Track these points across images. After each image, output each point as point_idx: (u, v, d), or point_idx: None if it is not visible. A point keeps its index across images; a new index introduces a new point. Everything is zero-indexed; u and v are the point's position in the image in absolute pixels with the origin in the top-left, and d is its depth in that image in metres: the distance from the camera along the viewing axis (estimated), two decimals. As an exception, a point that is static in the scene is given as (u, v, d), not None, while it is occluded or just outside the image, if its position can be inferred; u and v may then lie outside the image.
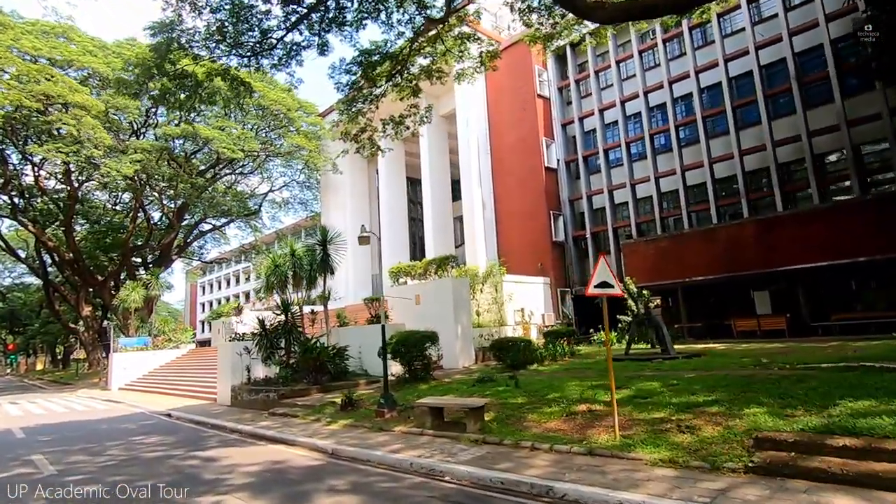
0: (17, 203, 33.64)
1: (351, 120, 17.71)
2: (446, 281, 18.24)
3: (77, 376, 37.34)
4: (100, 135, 24.04)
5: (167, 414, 14.95)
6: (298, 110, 35.58)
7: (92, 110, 23.91)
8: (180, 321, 62.46)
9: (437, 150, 31.64)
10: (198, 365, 24.70)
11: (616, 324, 20.81)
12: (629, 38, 23.78)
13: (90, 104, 24.20)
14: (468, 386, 11.68)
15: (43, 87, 22.70)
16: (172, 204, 37.22)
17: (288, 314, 15.20)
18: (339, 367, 14.98)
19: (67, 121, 23.33)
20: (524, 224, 25.42)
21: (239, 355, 15.62)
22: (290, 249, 17.63)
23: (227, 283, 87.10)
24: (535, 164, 25.29)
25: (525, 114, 25.84)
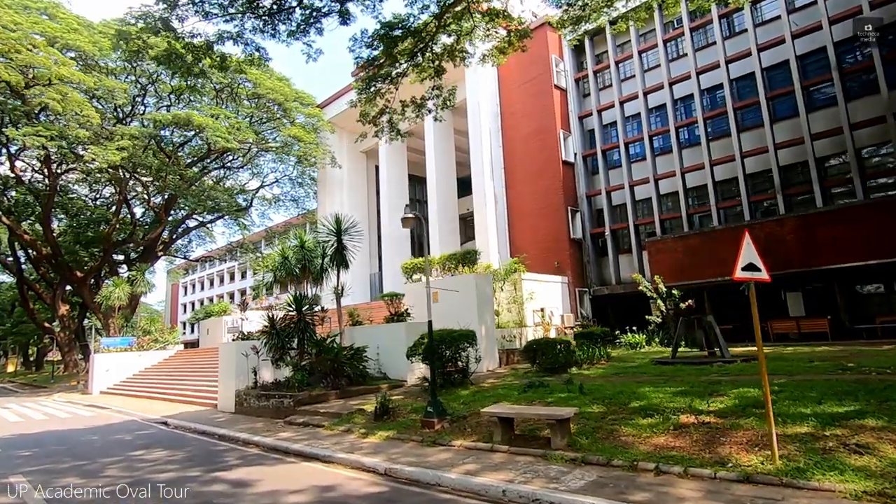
0: (-11, 192, 31.30)
1: (369, 100, 16.26)
2: (469, 277, 16.86)
3: (52, 379, 34.97)
4: (87, 112, 22.06)
5: (163, 422, 13.27)
6: (295, 101, 33.90)
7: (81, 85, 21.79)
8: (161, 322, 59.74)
9: (443, 144, 30.30)
10: (189, 367, 22.87)
11: (644, 325, 19.71)
12: (653, 27, 22.75)
13: (77, 78, 22.15)
14: (518, 391, 10.30)
15: (24, 56, 20.59)
16: (159, 197, 35.21)
17: (301, 311, 13.64)
18: (358, 371, 13.48)
19: (51, 96, 21.24)
20: (539, 220, 24.17)
21: (245, 356, 14.00)
22: (300, 241, 16.07)
23: (210, 284, 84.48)
24: (551, 158, 24.07)
25: (541, 105, 24.63)
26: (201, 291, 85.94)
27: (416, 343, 12.08)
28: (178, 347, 28.59)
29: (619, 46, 24.41)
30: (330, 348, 13.35)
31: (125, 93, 27.05)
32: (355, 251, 15.83)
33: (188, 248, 46.90)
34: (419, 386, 13.52)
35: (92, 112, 22.54)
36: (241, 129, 30.25)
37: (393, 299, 15.09)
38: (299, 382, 12.21)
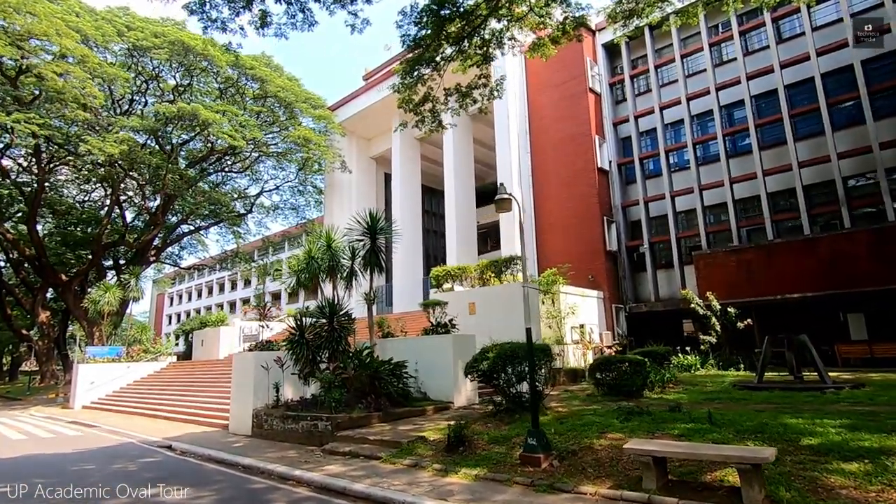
0: (-29, 187, 28.94)
1: (410, 86, 14.63)
2: (515, 286, 15.10)
3: (28, 391, 32.18)
4: (91, 91, 20.07)
5: (167, 446, 11.16)
6: (305, 101, 32.24)
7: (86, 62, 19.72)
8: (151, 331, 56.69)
9: (463, 151, 28.82)
10: (187, 381, 20.62)
11: (684, 344, 18.09)
12: (697, 30, 21.60)
13: (80, 53, 20.10)
14: (616, 419, 8.48)
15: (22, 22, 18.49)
16: (155, 200, 33.07)
17: (334, 318, 11.72)
18: (399, 389, 11.55)
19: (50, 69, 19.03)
20: (571, 231, 22.55)
21: (265, 369, 11.99)
22: (328, 239, 14.20)
23: (198, 295, 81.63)
24: (586, 165, 22.59)
25: (575, 109, 23.24)
26: (188, 302, 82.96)
27: (477, 358, 10.21)
28: (171, 359, 26.24)
29: (657, 51, 23.22)
30: (368, 363, 11.42)
31: (126, 83, 25.14)
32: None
33: (179, 255, 44.51)
34: (472, 409, 11.64)
35: (95, 91, 20.53)
36: (247, 126, 28.44)
37: (433, 307, 13.23)
38: (336, 402, 10.24)
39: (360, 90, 34.62)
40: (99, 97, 20.94)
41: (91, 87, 20.31)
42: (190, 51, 26.63)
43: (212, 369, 21.82)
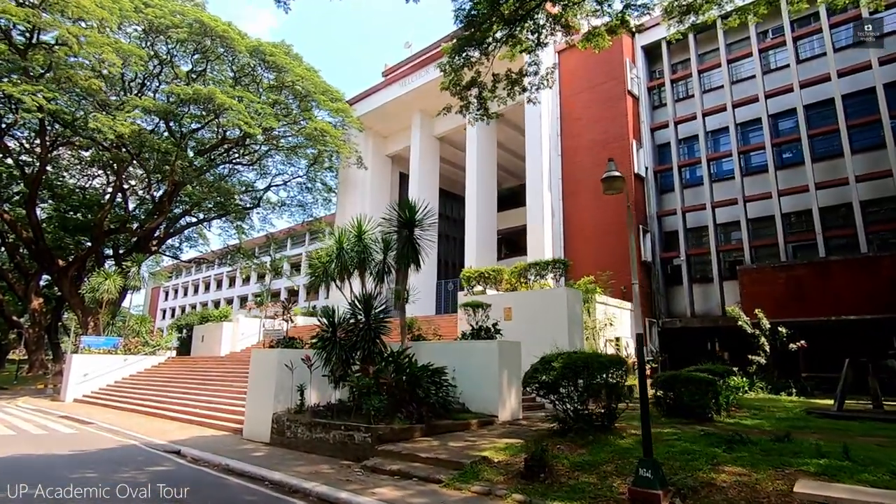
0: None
1: (457, 69, 13.50)
2: (560, 291, 13.86)
3: (16, 380, 30.60)
4: (108, 56, 18.76)
5: (175, 451, 9.81)
6: (323, 93, 31.11)
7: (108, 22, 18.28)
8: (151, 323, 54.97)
9: (486, 153, 27.69)
10: (189, 378, 19.21)
11: (745, 364, 16.83)
12: (745, 34, 20.62)
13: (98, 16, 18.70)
14: (706, 444, 7.24)
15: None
16: (161, 186, 31.75)
17: (371, 315, 10.43)
18: (440, 399, 10.25)
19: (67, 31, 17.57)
20: (602, 238, 21.37)
21: (289, 369, 10.67)
22: (358, 230, 12.93)
23: (194, 290, 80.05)
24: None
25: (612, 112, 22.18)
26: (184, 298, 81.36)
27: (538, 368, 8.92)
28: (170, 354, 24.81)
29: (701, 55, 22.23)
30: (407, 367, 10.12)
31: (141, 60, 23.90)
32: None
33: (179, 248, 43.10)
34: (520, 426, 10.35)
35: (113, 56, 19.19)
36: (263, 115, 27.24)
37: (475, 309, 11.96)
38: (375, 410, 8.92)
39: (378, 86, 33.60)
40: (117, 63, 19.57)
41: (109, 53, 19.03)
42: (209, 32, 25.49)
43: (216, 366, 20.43)
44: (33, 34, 22.90)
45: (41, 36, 23.37)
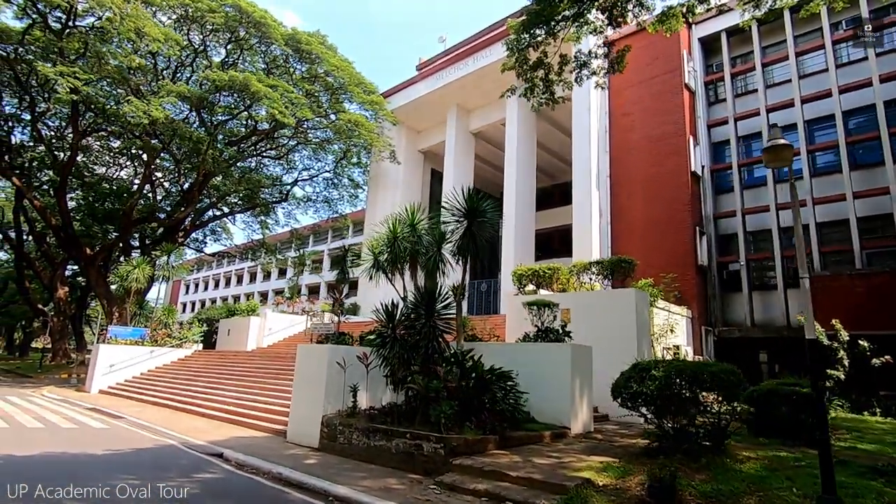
0: (4, 145, 27.26)
1: (522, 49, 12.45)
2: (628, 293, 12.69)
3: (40, 369, 30.28)
4: (151, 31, 18.03)
5: (217, 453, 8.89)
6: (358, 85, 30.30)
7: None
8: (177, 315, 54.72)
9: (526, 150, 26.56)
10: (219, 373, 18.40)
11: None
12: (816, 25, 19.25)
13: None
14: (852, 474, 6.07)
15: None
16: (190, 177, 31.22)
17: (433, 311, 9.40)
18: (510, 407, 9.19)
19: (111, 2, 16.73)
20: (652, 240, 20.11)
21: (340, 367, 9.69)
22: (411, 218, 11.94)
23: (215, 285, 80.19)
24: (677, 167, 20.20)
25: (668, 106, 20.93)
26: (204, 292, 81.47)
27: (633, 377, 7.81)
28: (197, 347, 24.10)
29: (765, 48, 20.89)
30: (475, 370, 9.07)
31: (177, 45, 23.29)
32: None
33: (204, 242, 42.69)
34: (596, 439, 9.24)
35: (156, 31, 18.41)
36: (297, 105, 26.48)
37: (542, 309, 10.86)
38: (446, 418, 7.88)
39: (412, 79, 32.71)
40: (159, 38, 18.82)
41: (152, 27, 18.33)
42: (246, 18, 24.85)
43: (245, 361, 19.62)
44: (70, 17, 22.49)
45: (77, 22, 23.00)
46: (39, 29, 22.55)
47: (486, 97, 28.95)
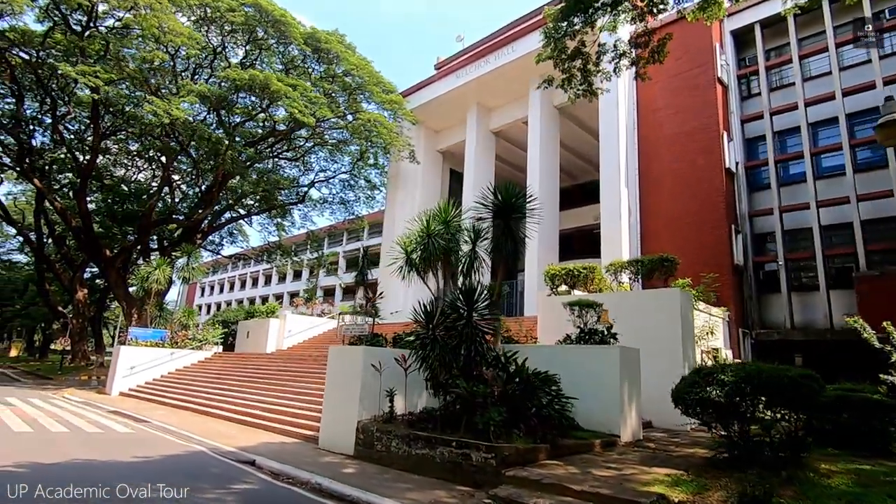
0: (25, 148, 27.31)
1: (559, 38, 11.92)
2: (672, 293, 12.06)
3: (60, 370, 30.23)
4: (174, 25, 17.78)
5: (249, 461, 8.44)
6: (377, 84, 29.92)
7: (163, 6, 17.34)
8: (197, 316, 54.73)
9: (549, 148, 25.95)
10: (241, 375, 18.03)
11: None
12: (859, 13, 18.46)
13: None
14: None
15: None
16: (208, 178, 31.07)
17: (473, 312, 8.88)
18: (555, 413, 8.62)
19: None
20: (685, 239, 19.39)
21: (376, 370, 9.20)
22: (444, 215, 11.43)
23: (230, 287, 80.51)
24: (711, 164, 19.49)
25: (700, 101, 20.25)
26: (219, 294, 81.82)
27: (698, 382, 7.20)
28: (217, 349, 23.83)
29: (801, 41, 20.13)
30: (522, 374, 8.53)
31: (197, 44, 23.10)
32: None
33: (220, 244, 42.62)
34: (648, 449, 8.64)
35: (180, 26, 18.15)
36: (317, 104, 26.17)
37: (584, 310, 10.29)
38: (495, 425, 7.35)
39: (431, 78, 32.29)
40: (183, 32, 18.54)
41: (175, 22, 18.10)
42: (266, 17, 24.62)
43: (267, 364, 19.25)
44: (91, 18, 22.45)
45: (98, 24, 22.98)
46: (60, 32, 22.56)
47: (507, 95, 28.46)
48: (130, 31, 23.08)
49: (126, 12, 21.40)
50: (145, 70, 22.81)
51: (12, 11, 20.98)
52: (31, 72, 23.99)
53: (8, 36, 21.92)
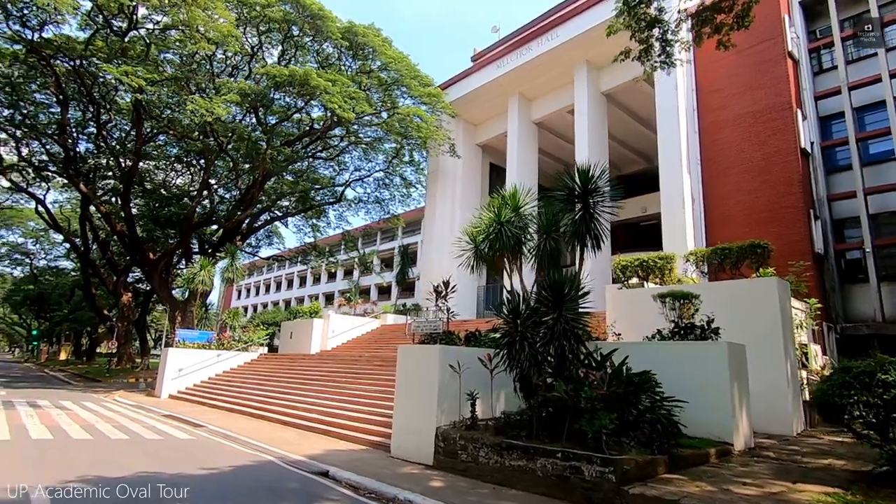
0: (71, 155, 27.62)
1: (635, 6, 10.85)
2: (768, 283, 10.85)
3: (108, 372, 30.54)
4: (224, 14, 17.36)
5: (321, 472, 7.71)
6: (414, 78, 29.21)
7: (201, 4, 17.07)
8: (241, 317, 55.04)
9: (597, 137, 24.70)
10: (290, 377, 17.50)
11: None
12: (951, -25, 16.74)
13: None
14: None
15: None
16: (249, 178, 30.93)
17: (562, 306, 7.93)
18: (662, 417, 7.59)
19: None
20: (756, 227, 17.89)
21: (454, 372, 8.35)
22: (514, 202, 10.50)
23: (265, 289, 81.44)
24: (784, 145, 18.00)
25: (768, 77, 18.76)
26: (255, 296, 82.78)
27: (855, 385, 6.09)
28: (262, 350, 23.47)
29: (882, 6, 18.44)
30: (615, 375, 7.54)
31: (237, 42, 22.76)
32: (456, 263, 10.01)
33: (257, 246, 42.67)
34: (773, 458, 7.55)
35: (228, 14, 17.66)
36: (357, 99, 25.59)
37: (680, 303, 9.22)
38: (607, 433, 6.40)
39: (468, 70, 31.40)
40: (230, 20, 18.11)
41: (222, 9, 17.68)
42: (303, 11, 24.17)
43: (316, 365, 18.70)
44: (131, 21, 22.42)
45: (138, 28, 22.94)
46: (101, 39, 22.61)
47: (550, 84, 27.39)
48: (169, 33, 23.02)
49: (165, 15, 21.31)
50: (186, 70, 22.62)
51: (56, 19, 21.08)
52: (74, 80, 24.16)
53: (53, 43, 22.05)
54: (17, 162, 29.86)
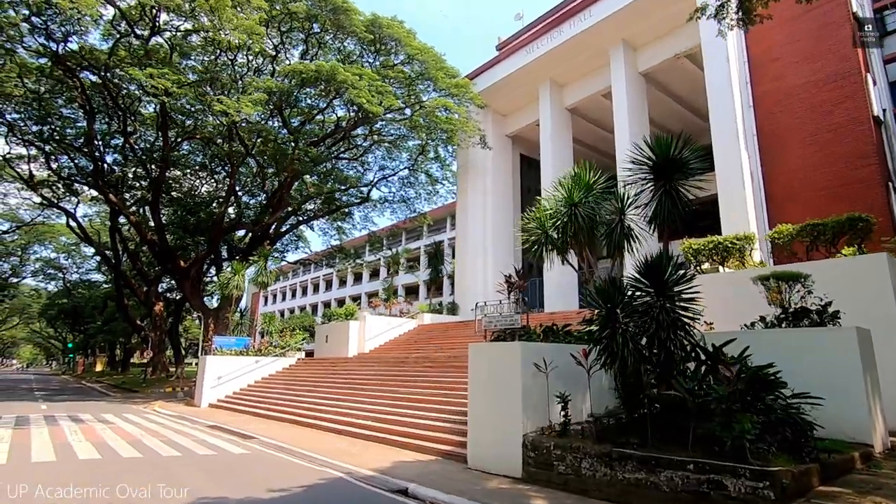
0: (100, 166, 27.42)
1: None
2: (878, 259, 9.61)
3: (144, 382, 30.35)
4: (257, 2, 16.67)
5: (399, 489, 6.83)
6: (440, 69, 28.28)
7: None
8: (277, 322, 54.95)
9: (637, 118, 23.46)
10: (332, 382, 16.72)
11: None
12: None
13: None
14: None
15: None
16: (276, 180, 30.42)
17: (665, 292, 6.90)
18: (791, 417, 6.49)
19: None
20: (824, 204, 16.41)
21: (540, 371, 7.38)
22: (585, 181, 9.47)
23: (292, 294, 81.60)
24: (851, 115, 16.55)
25: (831, 42, 17.32)
26: (282, 302, 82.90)
27: None
28: (300, 355, 22.83)
29: (957, -43, 16.87)
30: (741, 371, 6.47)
31: (261, 40, 22.15)
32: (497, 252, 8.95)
33: (283, 251, 42.19)
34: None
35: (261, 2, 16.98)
36: (384, 93, 24.78)
37: (789, 284, 8.10)
38: (750, 439, 5.35)
39: (494, 59, 30.40)
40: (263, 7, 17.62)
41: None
42: (326, 4, 23.47)
43: (359, 368, 17.91)
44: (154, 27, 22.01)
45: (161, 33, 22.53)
46: (124, 48, 22.27)
47: (583, 67, 26.24)
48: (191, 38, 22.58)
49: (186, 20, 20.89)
50: (210, 73, 22.12)
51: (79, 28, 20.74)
52: (100, 92, 23.92)
53: (78, 53, 21.77)
54: (47, 177, 29.88)
